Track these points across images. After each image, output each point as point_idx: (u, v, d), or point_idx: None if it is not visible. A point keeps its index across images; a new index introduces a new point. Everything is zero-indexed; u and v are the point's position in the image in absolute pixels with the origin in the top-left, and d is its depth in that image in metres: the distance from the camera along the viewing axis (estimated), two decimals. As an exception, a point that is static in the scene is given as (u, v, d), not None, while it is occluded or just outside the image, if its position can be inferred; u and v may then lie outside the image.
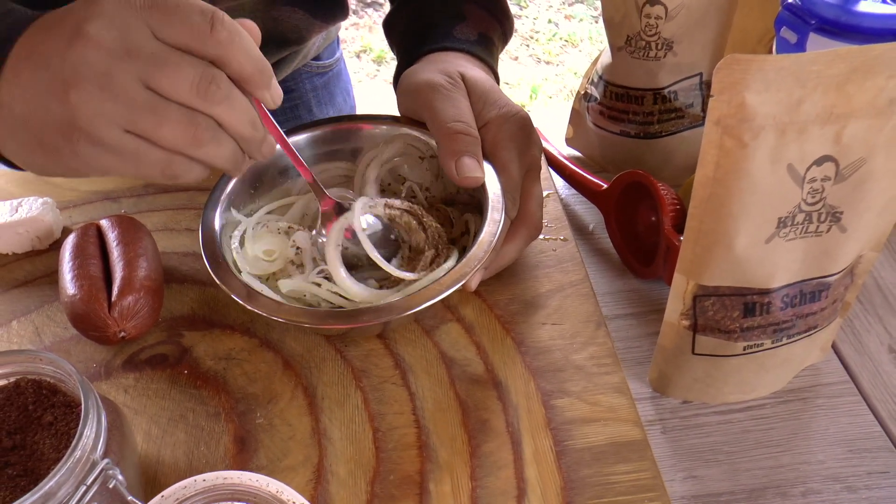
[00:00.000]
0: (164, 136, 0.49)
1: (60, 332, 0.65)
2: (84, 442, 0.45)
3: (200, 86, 0.48)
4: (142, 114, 0.48)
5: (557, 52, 3.36)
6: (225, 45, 0.48)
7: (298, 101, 1.07)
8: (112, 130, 0.48)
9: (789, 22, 0.65)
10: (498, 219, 0.61)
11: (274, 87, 0.52)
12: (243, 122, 0.51)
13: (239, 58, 0.49)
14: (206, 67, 0.48)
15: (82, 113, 0.48)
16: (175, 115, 0.48)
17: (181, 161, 0.51)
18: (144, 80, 0.47)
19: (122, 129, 0.48)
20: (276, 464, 0.55)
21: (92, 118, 0.48)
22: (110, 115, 0.48)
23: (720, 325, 0.57)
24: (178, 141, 0.49)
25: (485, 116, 0.66)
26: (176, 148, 0.50)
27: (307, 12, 0.91)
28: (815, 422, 0.61)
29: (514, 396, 0.59)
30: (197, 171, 0.52)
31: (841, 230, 0.53)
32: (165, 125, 0.48)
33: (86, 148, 0.49)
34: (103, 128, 0.48)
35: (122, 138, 0.49)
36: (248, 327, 0.65)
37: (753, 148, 0.48)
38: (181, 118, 0.48)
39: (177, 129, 0.49)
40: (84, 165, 0.51)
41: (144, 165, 0.50)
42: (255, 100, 0.52)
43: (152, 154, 0.50)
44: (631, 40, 0.75)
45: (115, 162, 0.50)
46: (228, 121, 0.50)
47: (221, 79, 0.49)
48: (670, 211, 0.66)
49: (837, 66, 0.47)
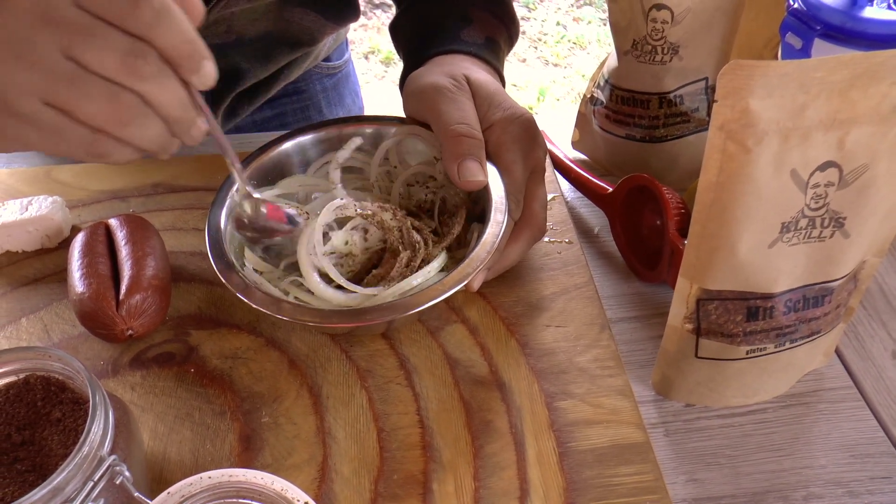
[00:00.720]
0: (86, 111, 0.46)
1: (69, 329, 0.66)
2: (92, 438, 0.45)
3: (127, 60, 0.45)
4: (61, 85, 0.45)
5: (565, 55, 3.37)
6: (150, 23, 0.46)
7: (308, 101, 1.08)
8: (29, 101, 0.46)
9: (794, 27, 0.65)
10: (501, 220, 0.61)
11: (204, 68, 0.49)
12: (172, 103, 0.49)
13: (166, 38, 0.46)
14: (134, 42, 0.46)
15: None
16: (98, 89, 0.46)
17: (106, 140, 0.48)
18: (66, 49, 0.45)
19: (40, 101, 0.46)
20: (281, 462, 0.56)
21: (8, 87, 0.46)
22: (27, 84, 0.46)
23: (723, 329, 0.57)
24: (100, 117, 0.47)
25: (489, 118, 0.66)
26: (98, 125, 0.47)
27: (319, 14, 0.91)
28: (818, 426, 0.61)
29: (518, 398, 0.59)
30: (125, 153, 0.50)
31: (844, 235, 0.53)
32: (87, 99, 0.46)
33: (4, 120, 0.47)
34: (20, 98, 0.46)
35: (41, 110, 0.46)
36: (255, 327, 0.65)
37: (757, 153, 0.49)
38: (104, 93, 0.46)
39: (99, 105, 0.46)
40: (7, 138, 0.49)
41: (67, 142, 0.48)
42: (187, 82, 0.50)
43: (75, 130, 0.47)
44: (637, 44, 0.75)
45: (36, 136, 0.48)
46: (157, 100, 0.48)
47: (150, 55, 0.46)
48: (675, 215, 0.67)
49: (841, 72, 0.47)
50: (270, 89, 0.99)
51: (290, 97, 1.06)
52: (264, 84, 0.97)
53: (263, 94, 0.98)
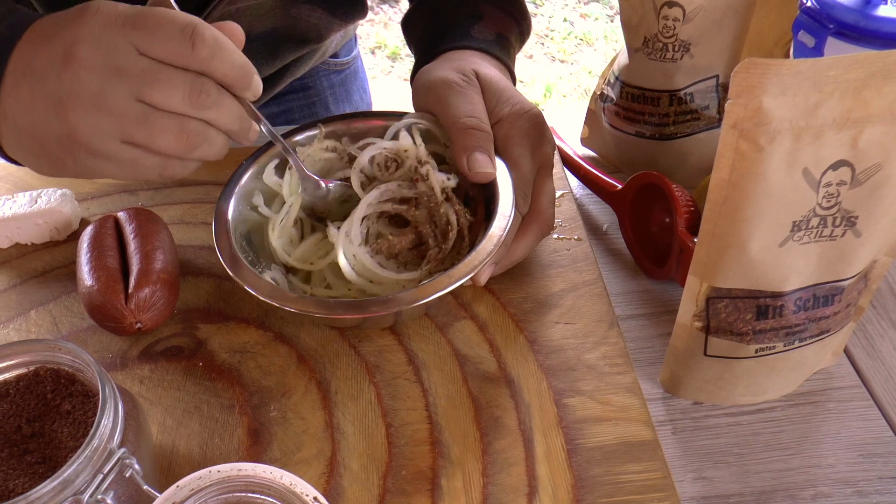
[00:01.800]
0: (158, 144, 0.52)
1: (77, 322, 0.66)
2: (102, 431, 0.45)
3: (192, 97, 0.52)
4: (136, 126, 0.51)
5: (572, 51, 3.36)
6: (207, 59, 0.51)
7: (316, 98, 1.08)
8: (109, 143, 0.52)
9: (807, 26, 0.65)
10: (508, 213, 0.61)
11: (255, 83, 0.55)
12: (232, 120, 0.55)
13: (222, 68, 0.52)
14: (194, 79, 0.52)
15: (80, 130, 0.51)
16: (167, 124, 0.52)
17: (175, 162, 0.55)
18: (137, 95, 0.51)
19: (118, 141, 0.52)
20: (290, 457, 0.56)
21: (90, 134, 0.51)
22: (107, 129, 0.51)
23: (733, 328, 0.57)
24: (171, 148, 0.53)
25: (498, 113, 0.66)
26: (170, 153, 0.53)
27: (326, 11, 0.91)
28: (826, 425, 0.61)
29: (527, 394, 0.59)
30: (191, 167, 0.56)
31: (856, 235, 0.53)
32: (159, 135, 0.52)
33: (86, 159, 0.53)
34: (101, 141, 0.52)
35: (119, 149, 0.52)
36: (263, 321, 0.65)
37: (769, 152, 0.48)
38: (173, 127, 0.52)
39: (170, 138, 0.52)
40: (86, 171, 0.54)
41: (142, 170, 0.54)
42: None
43: (149, 160, 0.54)
44: (648, 42, 0.75)
45: (115, 169, 0.54)
46: (218, 122, 0.54)
47: (210, 87, 0.52)
48: (684, 213, 0.67)
49: (855, 71, 0.47)
50: (276, 86, 0.99)
51: (296, 93, 1.06)
52: (270, 81, 0.97)
53: (269, 91, 0.98)
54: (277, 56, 0.93)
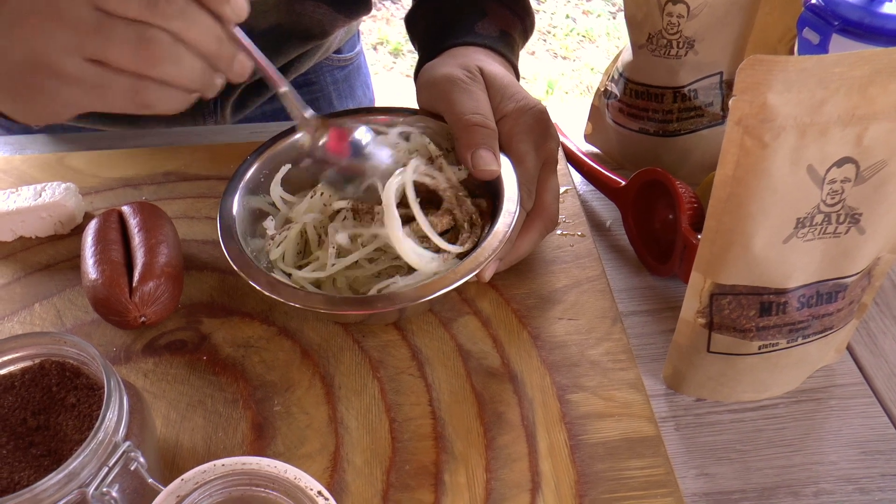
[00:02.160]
0: (115, 55, 0.47)
1: (81, 315, 0.66)
2: (107, 424, 0.45)
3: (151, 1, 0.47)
4: (91, 36, 0.47)
5: (574, 48, 3.36)
6: None
7: (319, 94, 1.08)
8: (69, 58, 0.47)
9: (812, 23, 0.65)
10: (513, 210, 0.61)
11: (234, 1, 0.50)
12: (206, 38, 0.49)
13: None
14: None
15: (37, 44, 0.47)
16: (124, 32, 0.47)
17: (149, 86, 0.49)
18: (94, 2, 0.46)
19: (80, 58, 0.47)
20: (293, 451, 0.56)
21: (47, 50, 0.47)
22: (63, 42, 0.47)
23: (736, 324, 0.57)
24: (129, 60, 0.48)
25: (502, 109, 0.66)
26: (131, 67, 0.48)
27: (330, 6, 0.91)
28: (829, 422, 0.61)
29: (530, 390, 0.59)
30: (170, 97, 0.51)
31: (860, 232, 0.53)
32: (114, 44, 0.47)
33: (49, 83, 0.49)
34: (60, 57, 0.47)
35: (81, 67, 0.48)
36: (267, 316, 0.65)
37: (774, 148, 0.49)
38: (131, 35, 0.47)
39: (126, 48, 0.47)
40: (55, 103, 0.50)
41: (112, 95, 0.49)
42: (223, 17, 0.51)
43: (116, 81, 0.49)
44: (652, 38, 0.75)
45: (82, 94, 0.49)
46: (188, 37, 0.49)
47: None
48: (688, 209, 0.67)
49: (861, 68, 0.47)
50: None
51: (300, 89, 1.05)
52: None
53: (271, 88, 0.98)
54: (281, 52, 0.93)
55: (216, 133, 0.89)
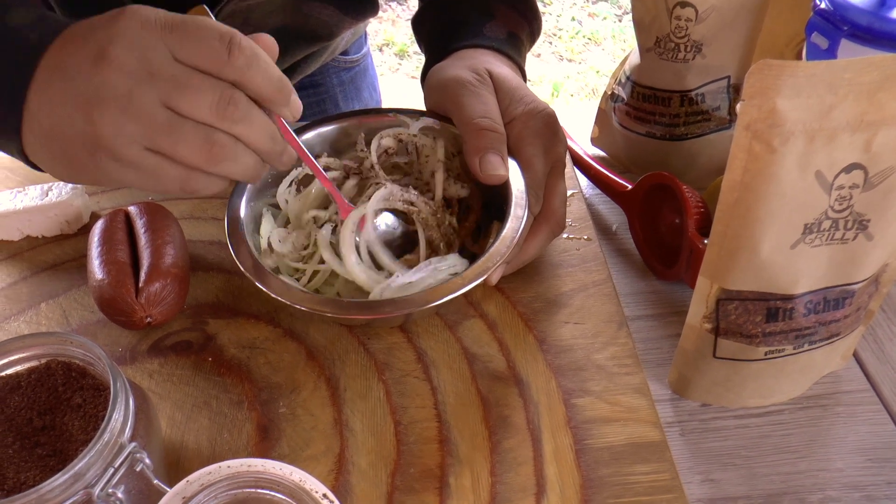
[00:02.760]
0: (181, 153, 0.50)
1: (87, 315, 0.66)
2: (113, 425, 0.45)
3: (219, 107, 0.50)
4: (160, 133, 0.49)
5: (580, 50, 3.36)
6: (243, 69, 0.50)
7: (325, 95, 1.08)
8: (132, 148, 0.50)
9: (821, 27, 0.65)
10: (521, 215, 0.61)
11: (293, 102, 0.54)
12: (263, 139, 0.53)
13: (257, 80, 0.51)
14: (224, 89, 0.50)
15: (104, 132, 0.49)
16: (192, 133, 0.50)
17: (199, 176, 0.52)
18: (165, 101, 0.49)
19: (141, 147, 0.50)
20: (298, 453, 0.56)
21: (113, 137, 0.49)
22: (131, 134, 0.49)
23: (742, 330, 0.57)
24: (194, 158, 0.51)
25: (511, 113, 0.66)
26: (193, 165, 0.51)
27: (337, 8, 0.91)
28: (835, 429, 0.61)
29: (536, 394, 0.59)
30: (216, 185, 0.54)
31: (867, 238, 0.53)
32: (182, 143, 0.50)
33: (107, 163, 0.51)
34: (124, 146, 0.50)
35: (141, 155, 0.50)
36: (273, 317, 0.65)
37: (782, 153, 0.48)
38: (198, 137, 0.50)
39: (193, 148, 0.50)
40: (106, 178, 0.53)
41: (164, 181, 0.52)
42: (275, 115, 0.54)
43: (171, 170, 0.51)
44: (660, 42, 0.75)
45: (136, 177, 0.52)
46: (248, 138, 0.52)
47: (240, 99, 0.51)
48: (694, 214, 0.66)
49: (870, 73, 0.47)
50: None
51: (306, 90, 1.06)
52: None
53: None
54: (288, 53, 0.93)
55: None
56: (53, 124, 0.51)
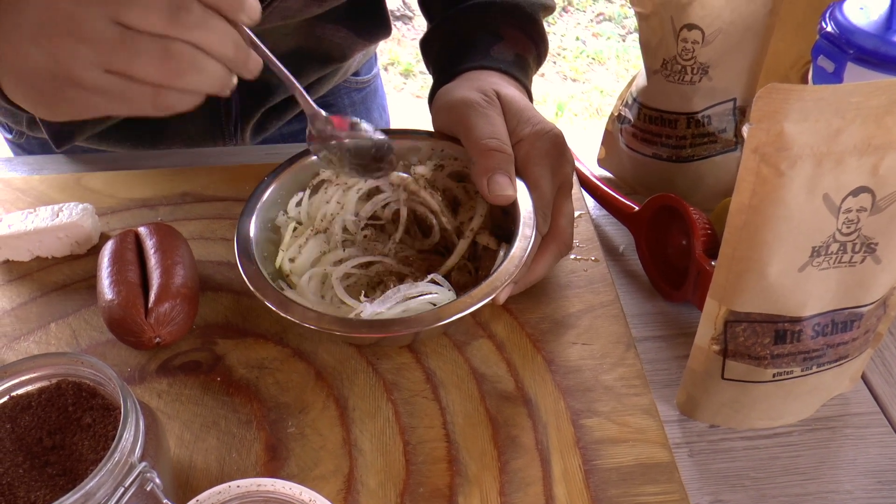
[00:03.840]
0: (140, 69, 0.48)
1: (97, 335, 0.66)
2: (123, 445, 0.46)
3: (171, 14, 0.48)
4: (114, 52, 0.48)
5: (584, 70, 3.37)
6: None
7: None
8: (91, 72, 0.48)
9: (827, 51, 0.65)
10: (529, 235, 0.61)
11: (249, 4, 0.51)
12: (225, 44, 0.51)
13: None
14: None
15: (61, 59, 0.48)
16: (148, 47, 0.48)
17: (168, 93, 0.50)
18: (114, 17, 0.47)
19: (101, 70, 0.48)
20: (307, 473, 0.56)
21: (70, 62, 0.48)
22: (86, 57, 0.48)
23: (750, 352, 0.57)
24: (155, 73, 0.49)
25: (518, 133, 0.67)
26: (154, 80, 0.49)
27: (350, 31, 0.92)
28: (843, 451, 0.60)
29: (544, 414, 0.59)
30: (189, 99, 0.52)
31: (875, 261, 0.53)
32: (138, 59, 0.48)
33: (73, 92, 0.50)
34: (82, 70, 0.48)
35: (103, 78, 0.49)
36: (282, 337, 0.66)
37: (790, 177, 0.49)
38: (155, 50, 0.48)
39: (151, 61, 0.48)
40: (77, 107, 0.51)
41: (132, 101, 0.50)
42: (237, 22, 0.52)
43: (137, 90, 0.50)
44: (667, 64, 0.76)
45: (104, 102, 0.50)
46: (209, 45, 0.50)
47: (192, 4, 0.48)
48: (702, 236, 0.67)
49: (877, 97, 0.47)
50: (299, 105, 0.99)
51: None
52: (293, 99, 0.97)
53: (292, 110, 0.99)
54: (301, 75, 0.93)
55: (232, 154, 0.90)
56: (16, 60, 0.50)
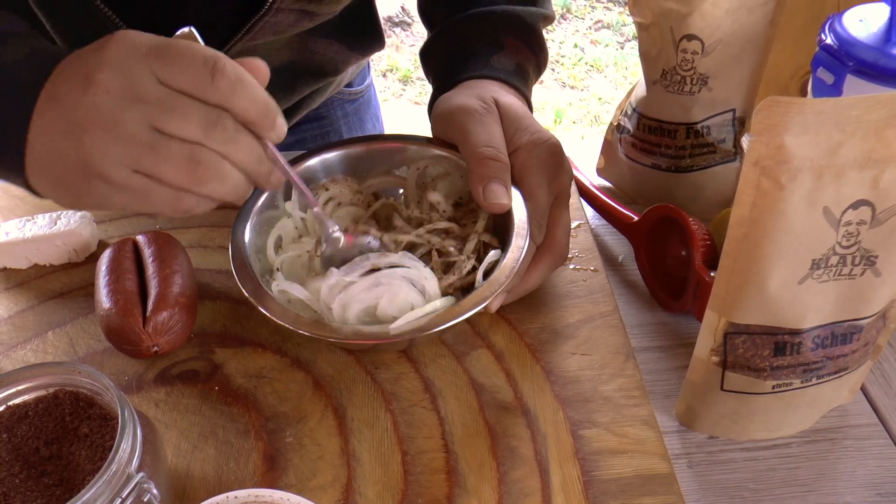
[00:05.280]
0: (166, 173, 0.51)
1: (94, 344, 0.66)
2: (121, 455, 0.45)
3: (207, 128, 0.50)
4: (145, 153, 0.50)
5: (582, 77, 3.38)
6: (227, 94, 0.51)
7: (330, 127, 1.08)
8: (120, 170, 0.51)
9: (826, 63, 0.65)
10: (522, 244, 0.61)
11: (279, 125, 0.54)
12: (249, 160, 0.53)
13: (242, 104, 0.51)
14: (210, 111, 0.51)
15: (93, 155, 0.50)
16: (177, 152, 0.50)
17: (188, 197, 0.53)
18: (151, 122, 0.50)
19: (129, 170, 0.51)
20: (305, 483, 0.56)
21: (101, 160, 0.50)
22: (118, 156, 0.50)
23: (750, 363, 0.57)
24: (180, 178, 0.51)
25: (516, 142, 0.67)
26: (179, 185, 0.52)
27: (343, 45, 0.92)
28: (843, 463, 0.60)
29: (543, 425, 0.59)
30: (206, 205, 0.54)
31: (875, 274, 0.53)
32: (167, 163, 0.50)
33: (100, 186, 0.52)
34: (112, 168, 0.50)
35: (130, 177, 0.51)
36: (280, 346, 0.65)
37: (790, 190, 0.49)
38: (183, 155, 0.51)
39: (178, 167, 0.51)
40: (102, 201, 0.53)
41: (154, 202, 0.53)
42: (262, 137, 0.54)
43: (160, 191, 0.52)
44: (666, 74, 0.76)
45: (128, 199, 0.53)
46: (234, 158, 0.52)
47: (227, 121, 0.51)
48: (701, 246, 0.67)
49: (877, 111, 0.47)
50: (292, 118, 0.99)
51: (310, 123, 1.06)
52: (286, 114, 0.96)
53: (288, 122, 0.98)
54: (295, 89, 0.93)
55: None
56: (48, 152, 0.52)
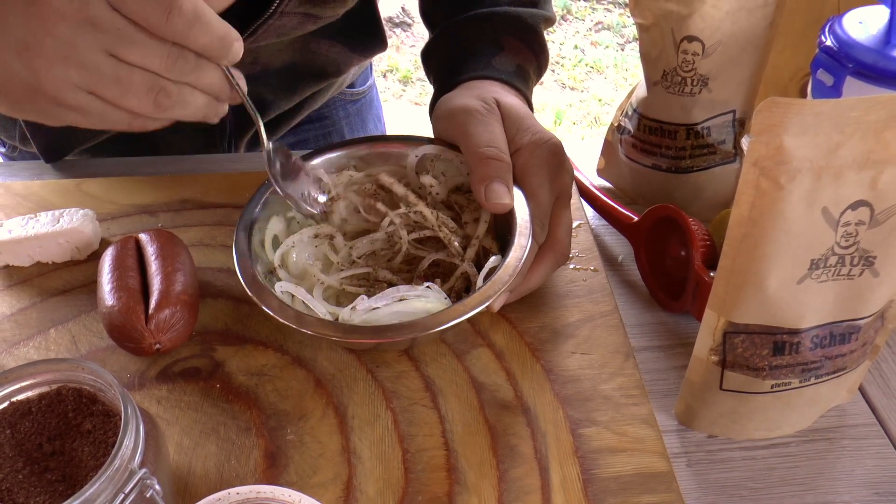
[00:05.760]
0: (129, 101, 0.51)
1: (96, 341, 0.67)
2: (123, 451, 0.46)
3: (168, 62, 0.50)
4: (107, 82, 0.49)
5: (582, 78, 3.38)
6: (183, 32, 0.50)
7: (332, 128, 1.08)
8: (77, 94, 0.50)
9: (826, 64, 0.66)
10: (525, 244, 0.62)
11: (234, 51, 0.54)
12: (213, 84, 0.54)
13: (200, 42, 0.51)
14: (171, 48, 0.50)
15: (47, 80, 0.49)
16: (140, 83, 0.50)
17: (146, 119, 0.53)
18: (110, 49, 0.49)
19: (86, 93, 0.50)
20: (306, 480, 0.56)
21: (57, 85, 0.49)
22: (75, 81, 0.49)
23: (749, 363, 0.57)
24: (143, 106, 0.51)
25: (517, 142, 0.67)
26: (141, 112, 0.52)
27: (346, 46, 0.92)
28: (841, 462, 0.61)
29: (543, 423, 0.59)
30: (163, 124, 0.55)
31: (874, 274, 0.53)
32: (131, 93, 0.50)
33: (50, 107, 0.51)
34: (68, 92, 0.50)
35: (86, 100, 0.51)
36: (281, 344, 0.66)
37: (789, 190, 0.49)
38: (145, 86, 0.50)
39: (141, 97, 0.50)
40: (49, 117, 0.53)
41: (109, 122, 0.53)
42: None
43: (116, 114, 0.52)
44: (667, 75, 0.76)
45: (80, 118, 0.52)
46: (199, 86, 0.53)
47: (188, 54, 0.51)
48: (701, 247, 0.67)
49: (876, 112, 0.47)
50: (294, 119, 0.99)
51: (312, 124, 1.06)
52: (288, 114, 0.97)
53: (287, 124, 0.98)
54: (297, 91, 0.93)
55: (232, 161, 0.90)
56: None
